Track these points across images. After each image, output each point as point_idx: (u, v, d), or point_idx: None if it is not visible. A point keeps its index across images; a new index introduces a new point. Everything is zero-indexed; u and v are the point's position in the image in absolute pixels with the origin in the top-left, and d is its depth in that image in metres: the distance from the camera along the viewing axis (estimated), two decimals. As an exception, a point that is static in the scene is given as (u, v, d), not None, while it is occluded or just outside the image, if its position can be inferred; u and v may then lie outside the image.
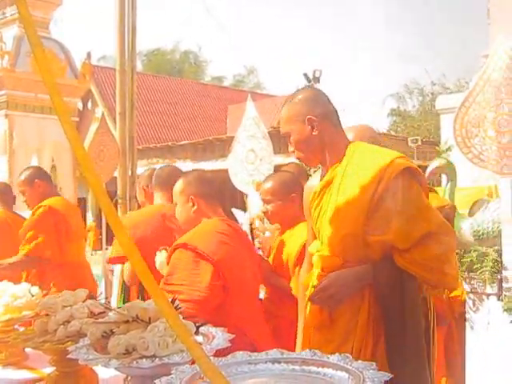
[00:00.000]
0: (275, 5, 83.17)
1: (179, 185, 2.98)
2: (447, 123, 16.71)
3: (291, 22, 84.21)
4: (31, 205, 4.56)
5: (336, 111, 2.45)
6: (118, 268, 4.43)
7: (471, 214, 3.76)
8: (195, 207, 2.90)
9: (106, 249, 6.01)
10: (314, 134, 2.35)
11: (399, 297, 2.15)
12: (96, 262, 7.72)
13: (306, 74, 19.66)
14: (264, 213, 3.30)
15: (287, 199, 3.27)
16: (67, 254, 4.53)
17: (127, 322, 1.90)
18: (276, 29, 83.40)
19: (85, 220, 16.38)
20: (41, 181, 4.59)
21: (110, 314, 2.07)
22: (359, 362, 1.66)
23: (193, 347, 1.37)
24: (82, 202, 21.84)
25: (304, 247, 2.78)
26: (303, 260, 2.71)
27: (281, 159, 11.07)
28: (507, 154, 3.41)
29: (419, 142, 19.45)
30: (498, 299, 3.44)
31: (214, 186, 3.06)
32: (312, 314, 2.35)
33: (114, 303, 3.84)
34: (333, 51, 75.08)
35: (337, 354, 1.74)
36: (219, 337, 1.92)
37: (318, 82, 19.54)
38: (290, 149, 2.45)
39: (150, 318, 1.85)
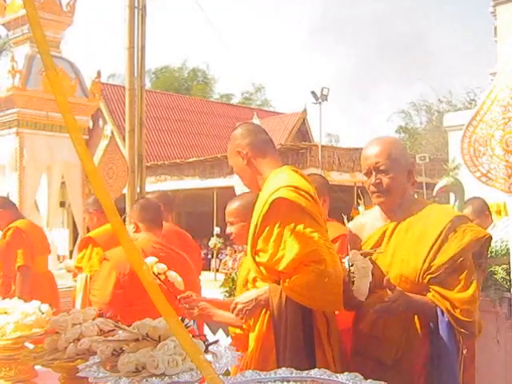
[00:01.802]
0: (285, 23, 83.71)
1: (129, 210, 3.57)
2: (455, 140, 16.71)
3: (301, 39, 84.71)
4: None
5: (267, 141, 2.76)
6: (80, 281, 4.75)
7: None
8: (134, 229, 3.66)
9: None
10: (244, 163, 2.69)
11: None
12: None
13: (313, 92, 19.70)
14: (228, 235, 3.15)
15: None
16: (35, 266, 5.34)
17: (137, 340, 1.91)
18: (284, 46, 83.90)
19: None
20: (4, 210, 5.41)
21: (120, 332, 2.08)
22: (369, 381, 1.66)
23: (203, 366, 1.39)
24: (90, 219, 21.82)
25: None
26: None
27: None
28: (515, 172, 3.41)
29: (427, 160, 19.41)
30: (507, 318, 3.42)
31: (154, 212, 3.77)
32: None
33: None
34: (339, 68, 75.40)
35: (346, 373, 1.75)
36: (228, 355, 1.93)
37: (326, 99, 19.59)
38: None
39: (159, 337, 1.86)
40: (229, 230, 3.17)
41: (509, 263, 3.36)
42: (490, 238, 2.35)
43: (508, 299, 3.42)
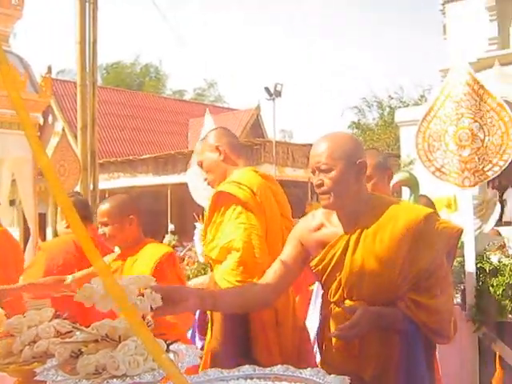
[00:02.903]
0: (237, 18, 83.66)
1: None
2: (406, 135, 17.09)
3: (253, 35, 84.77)
4: None
5: (241, 144, 3.07)
6: None
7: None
8: (66, 225, 4.04)
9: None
10: (220, 158, 2.92)
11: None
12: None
13: (267, 88, 19.72)
14: (102, 235, 3.23)
15: (125, 221, 3.23)
16: None
17: (96, 341, 1.87)
18: (237, 42, 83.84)
19: (45, 236, 16.04)
20: None
21: (77, 333, 2.03)
22: (332, 376, 1.67)
23: (166, 365, 1.36)
24: (42, 218, 21.43)
25: (157, 267, 3.05)
26: (158, 279, 2.91)
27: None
28: (468, 167, 3.49)
29: (379, 155, 19.70)
30: (462, 309, 3.49)
31: (83, 209, 4.10)
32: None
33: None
34: (293, 64, 75.91)
35: (309, 368, 1.75)
36: (190, 354, 1.91)
37: (280, 95, 19.64)
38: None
39: (119, 337, 1.82)
40: (102, 231, 3.25)
41: (463, 256, 3.44)
42: (462, 231, 2.24)
43: (462, 291, 3.50)
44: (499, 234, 5.34)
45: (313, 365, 2.41)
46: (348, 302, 2.23)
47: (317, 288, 2.79)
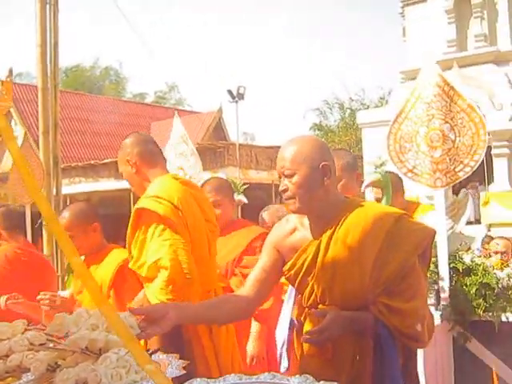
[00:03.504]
0: (197, 20, 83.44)
1: None
2: (368, 137, 17.27)
3: (214, 36, 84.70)
4: None
5: (155, 151, 3.02)
6: None
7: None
8: None
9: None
10: (133, 172, 2.94)
11: None
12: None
13: (230, 91, 19.69)
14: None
15: (88, 230, 3.29)
16: None
17: (74, 353, 1.80)
18: (198, 44, 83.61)
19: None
20: None
21: (51, 345, 1.96)
22: (321, 382, 1.64)
23: (154, 374, 1.31)
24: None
25: (118, 271, 3.14)
26: (119, 283, 3.11)
27: (208, 175, 11.03)
28: (440, 167, 3.52)
29: (342, 157, 19.89)
30: (436, 309, 3.51)
31: (16, 220, 4.08)
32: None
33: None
34: (255, 66, 76.08)
35: (297, 375, 1.72)
36: (173, 365, 1.86)
37: (242, 98, 19.63)
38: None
39: (100, 349, 1.76)
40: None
41: (436, 256, 3.46)
42: (434, 232, 2.23)
43: (436, 291, 3.52)
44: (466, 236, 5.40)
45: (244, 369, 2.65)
46: (321, 307, 2.21)
47: (290, 290, 2.80)
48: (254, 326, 3.57)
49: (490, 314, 3.35)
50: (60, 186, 7.75)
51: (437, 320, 3.49)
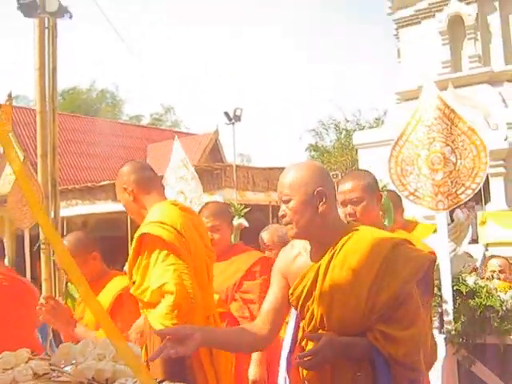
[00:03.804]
0: (195, 42, 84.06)
1: None
2: (364, 158, 17.31)
3: (211, 59, 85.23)
4: None
5: (152, 177, 3.05)
6: None
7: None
8: None
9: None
10: (130, 199, 2.97)
11: None
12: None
13: (226, 113, 19.76)
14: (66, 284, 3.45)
15: (88, 258, 3.36)
16: None
17: (81, 383, 1.78)
18: (196, 67, 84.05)
19: None
20: None
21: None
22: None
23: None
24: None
25: (117, 298, 3.22)
26: (116, 310, 3.15)
27: (208, 198, 11.01)
28: (441, 190, 3.53)
29: (339, 177, 19.93)
30: (440, 332, 3.50)
31: None
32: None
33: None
34: (252, 88, 76.51)
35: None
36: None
37: (239, 120, 19.70)
38: None
39: (107, 380, 1.74)
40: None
41: (439, 279, 3.45)
42: (434, 259, 2.23)
43: (440, 314, 3.51)
44: (470, 256, 5.40)
45: None
46: (321, 332, 2.20)
47: (293, 314, 2.81)
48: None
49: (495, 336, 3.33)
50: (58, 209, 7.72)
51: (441, 343, 3.48)
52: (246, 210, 6.81)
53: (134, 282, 2.88)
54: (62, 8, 7.52)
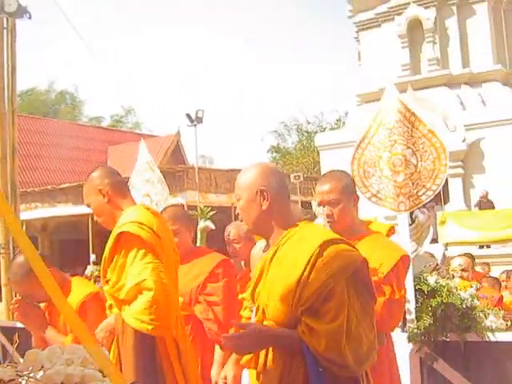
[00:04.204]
0: (157, 42, 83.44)
1: None
2: (326, 159, 17.46)
3: (172, 59, 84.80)
4: None
5: (124, 182, 3.12)
6: None
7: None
8: None
9: None
10: (104, 201, 2.96)
11: None
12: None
13: (188, 115, 19.69)
14: None
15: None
16: None
17: (48, 389, 1.77)
18: (157, 67, 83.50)
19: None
20: None
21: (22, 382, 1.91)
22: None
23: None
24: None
25: (81, 307, 3.26)
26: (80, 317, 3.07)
27: (173, 201, 10.96)
28: (403, 191, 3.60)
29: (301, 178, 20.06)
30: (403, 331, 3.56)
31: None
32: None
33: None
34: (213, 89, 76.32)
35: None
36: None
37: (201, 121, 19.66)
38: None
39: (76, 384, 1.73)
40: None
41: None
42: (363, 259, 2.24)
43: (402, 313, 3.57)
44: (432, 256, 5.53)
45: None
46: (265, 323, 2.30)
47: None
48: (218, 352, 3.60)
49: (456, 334, 3.41)
50: (18, 213, 7.60)
51: (404, 341, 3.55)
52: (212, 213, 6.81)
53: (107, 281, 2.91)
54: (21, 8, 7.40)
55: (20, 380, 1.93)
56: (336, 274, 2.16)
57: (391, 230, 3.27)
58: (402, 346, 3.47)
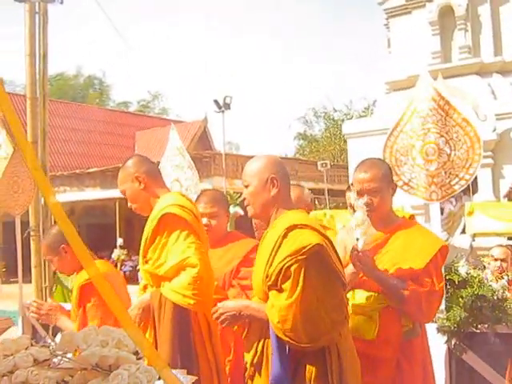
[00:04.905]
0: (185, 29, 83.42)
1: None
2: (354, 147, 17.36)
3: (201, 46, 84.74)
4: None
5: (158, 170, 3.29)
6: None
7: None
8: None
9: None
10: (140, 187, 3.09)
11: None
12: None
13: (216, 101, 19.69)
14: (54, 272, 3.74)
15: (61, 253, 3.62)
16: None
17: (84, 369, 1.79)
18: (187, 53, 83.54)
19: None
20: None
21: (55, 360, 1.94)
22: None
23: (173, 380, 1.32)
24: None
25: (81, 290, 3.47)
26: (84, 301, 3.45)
27: (204, 186, 10.99)
28: (435, 181, 3.56)
29: (328, 166, 19.97)
30: (432, 321, 3.53)
31: None
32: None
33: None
34: (242, 76, 76.15)
35: None
36: (181, 380, 1.86)
37: (229, 108, 19.65)
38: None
39: (110, 366, 1.75)
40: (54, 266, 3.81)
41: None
42: (315, 245, 2.34)
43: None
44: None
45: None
46: (253, 299, 2.65)
47: None
48: None
49: (486, 325, 3.38)
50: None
51: (432, 332, 3.52)
52: (241, 199, 6.82)
53: (147, 261, 3.04)
54: (53, -7, 7.45)
55: (54, 360, 1.97)
56: (292, 254, 2.36)
57: (411, 219, 3.24)
58: (430, 337, 3.44)
